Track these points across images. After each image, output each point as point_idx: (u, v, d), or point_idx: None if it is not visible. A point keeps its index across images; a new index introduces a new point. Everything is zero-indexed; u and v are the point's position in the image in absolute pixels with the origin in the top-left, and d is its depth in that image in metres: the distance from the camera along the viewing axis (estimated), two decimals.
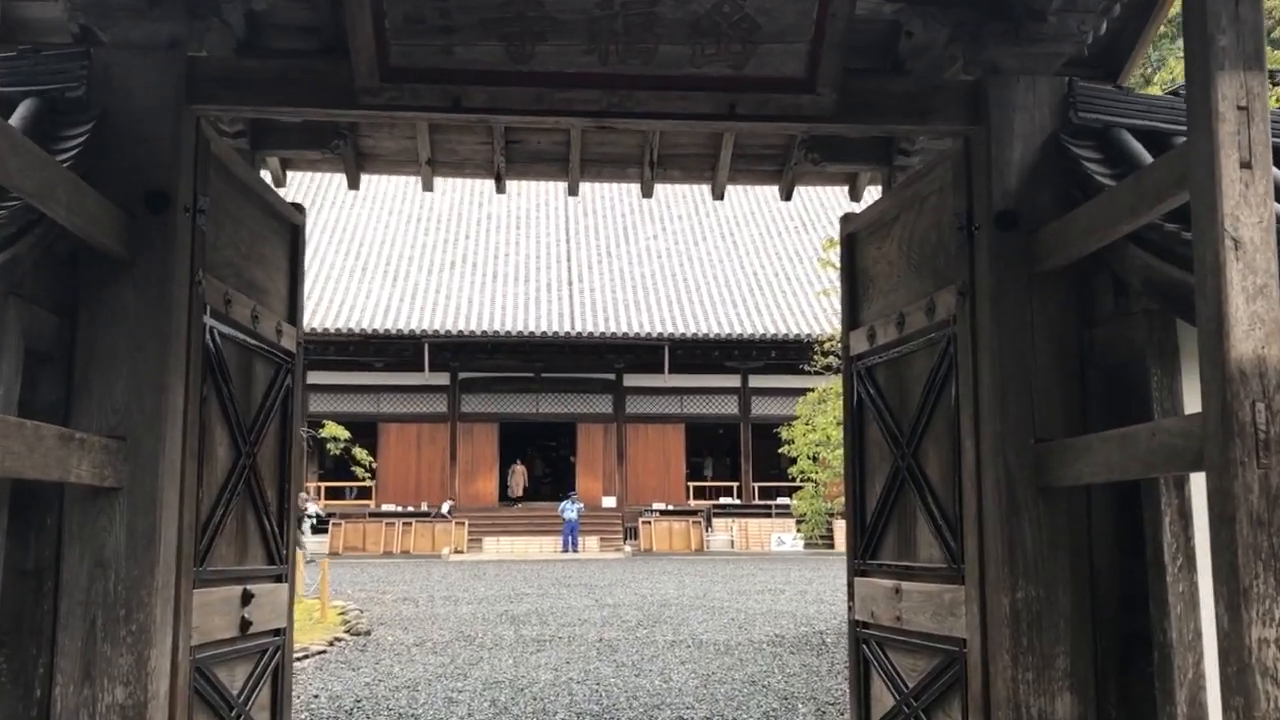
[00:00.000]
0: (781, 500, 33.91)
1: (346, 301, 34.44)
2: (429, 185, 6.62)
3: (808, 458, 27.43)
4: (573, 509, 32.90)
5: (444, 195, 40.73)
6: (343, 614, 15.43)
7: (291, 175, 6.71)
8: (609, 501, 35.45)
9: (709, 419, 37.13)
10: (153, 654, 3.90)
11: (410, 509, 34.14)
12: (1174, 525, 3.80)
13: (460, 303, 35.20)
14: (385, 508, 34.28)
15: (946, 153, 4.94)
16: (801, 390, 27.73)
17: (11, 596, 3.76)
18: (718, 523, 34.59)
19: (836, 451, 23.62)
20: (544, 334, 33.95)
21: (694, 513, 34.67)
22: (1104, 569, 4.19)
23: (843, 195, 7.67)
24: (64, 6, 4.42)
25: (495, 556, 31.24)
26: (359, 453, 28.98)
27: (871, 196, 6.45)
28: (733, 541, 33.92)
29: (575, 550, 32.20)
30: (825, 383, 24.71)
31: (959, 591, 4.51)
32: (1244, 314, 3.00)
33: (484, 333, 33.82)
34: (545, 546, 32.60)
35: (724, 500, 36.09)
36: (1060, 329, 4.33)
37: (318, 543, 29.96)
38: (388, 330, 33.48)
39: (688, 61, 4.40)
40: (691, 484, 36.80)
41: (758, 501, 35.96)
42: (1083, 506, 4.22)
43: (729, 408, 36.87)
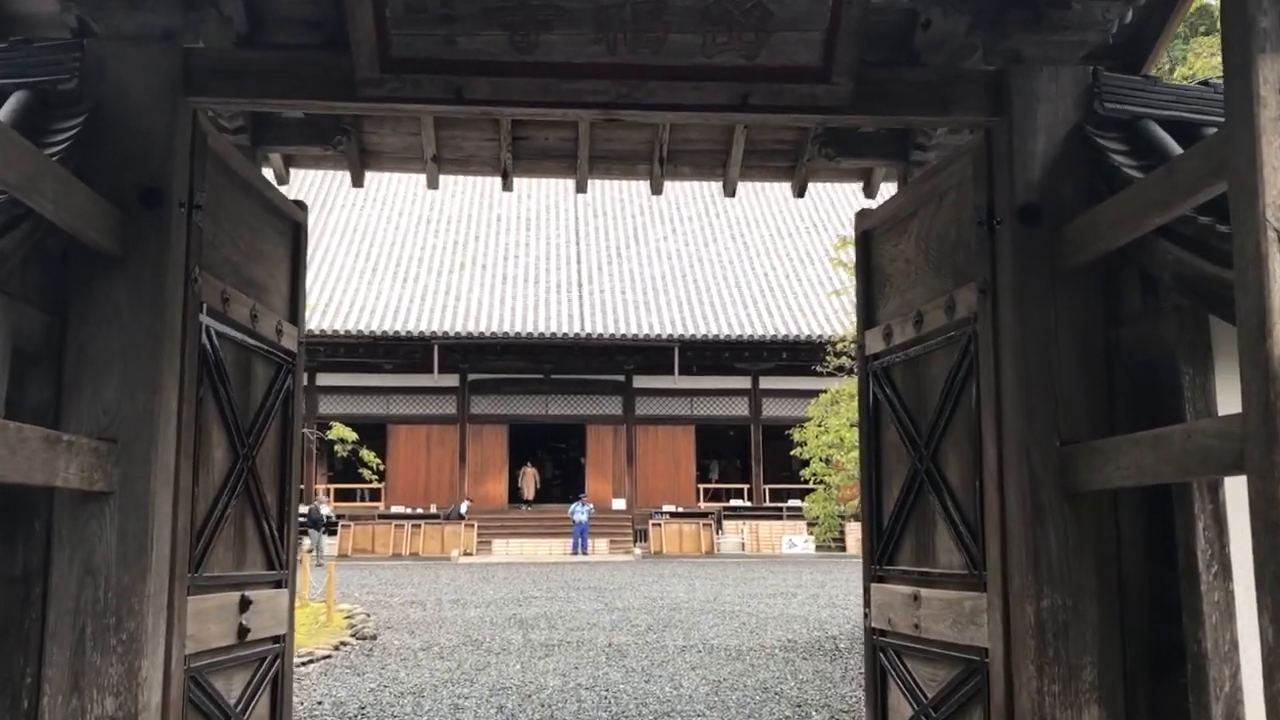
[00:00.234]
0: (793, 502, 33.69)
1: (356, 303, 34.39)
2: (434, 183, 6.49)
3: (820, 460, 27.21)
4: (582, 511, 32.77)
5: (454, 196, 40.73)
6: (349, 617, 15.32)
7: (299, 177, 6.62)
8: (619, 504, 35.30)
9: (719, 421, 36.93)
10: (144, 664, 3.78)
11: (420, 511, 34.04)
12: (1208, 531, 3.64)
13: (470, 304, 35.14)
14: (395, 510, 34.19)
15: (966, 146, 4.80)
16: (813, 392, 27.55)
17: None
18: (728, 525, 34.42)
19: (849, 454, 23.45)
20: (554, 335, 33.85)
21: (704, 515, 34.48)
22: (1133, 576, 4.04)
23: (854, 196, 7.55)
24: None
25: (504, 559, 31.14)
26: (366, 454, 28.90)
27: (886, 193, 6.31)
28: (743, 544, 33.75)
29: (585, 552, 32.08)
30: (838, 384, 24.53)
31: (980, 599, 4.36)
32: None
33: (494, 334, 33.75)
34: (554, 549, 32.49)
35: (735, 502, 35.89)
36: (1086, 327, 4.18)
37: (328, 544, 29.94)
38: (397, 332, 33.42)
39: (699, 51, 4.27)
40: (702, 486, 36.64)
41: (768, 504, 35.75)
42: (1110, 511, 4.06)
43: (739, 409, 36.69)
